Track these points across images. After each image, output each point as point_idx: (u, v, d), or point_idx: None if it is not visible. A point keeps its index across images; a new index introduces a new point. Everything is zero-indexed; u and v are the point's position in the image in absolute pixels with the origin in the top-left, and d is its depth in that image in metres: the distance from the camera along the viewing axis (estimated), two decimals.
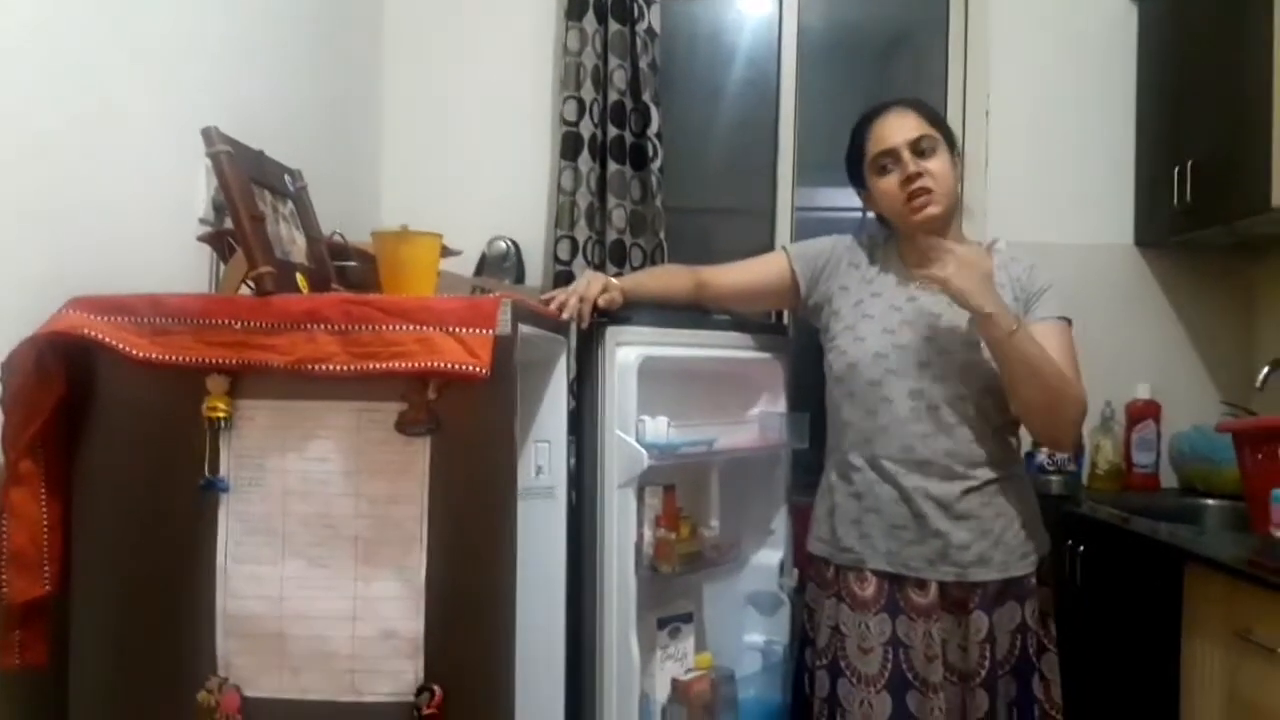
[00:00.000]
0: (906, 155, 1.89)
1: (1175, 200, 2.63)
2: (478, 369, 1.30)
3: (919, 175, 1.87)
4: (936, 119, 1.96)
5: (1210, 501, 2.60)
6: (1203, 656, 1.99)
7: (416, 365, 1.31)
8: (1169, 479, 2.81)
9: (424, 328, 1.32)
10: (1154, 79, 2.87)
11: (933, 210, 1.89)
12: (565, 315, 1.77)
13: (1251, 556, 1.88)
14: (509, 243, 2.81)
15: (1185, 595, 2.04)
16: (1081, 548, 2.41)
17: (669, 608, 2.05)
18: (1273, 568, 1.79)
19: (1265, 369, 2.47)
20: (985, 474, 1.87)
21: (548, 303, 1.79)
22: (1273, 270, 2.82)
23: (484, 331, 1.32)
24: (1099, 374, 2.63)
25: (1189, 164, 2.58)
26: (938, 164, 1.89)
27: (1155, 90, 2.86)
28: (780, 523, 2.21)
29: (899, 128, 1.91)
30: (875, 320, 1.92)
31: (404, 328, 1.33)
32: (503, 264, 2.79)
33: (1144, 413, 2.80)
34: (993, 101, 2.96)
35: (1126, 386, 2.83)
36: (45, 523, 1.34)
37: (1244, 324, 2.89)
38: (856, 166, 1.98)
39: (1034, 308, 1.90)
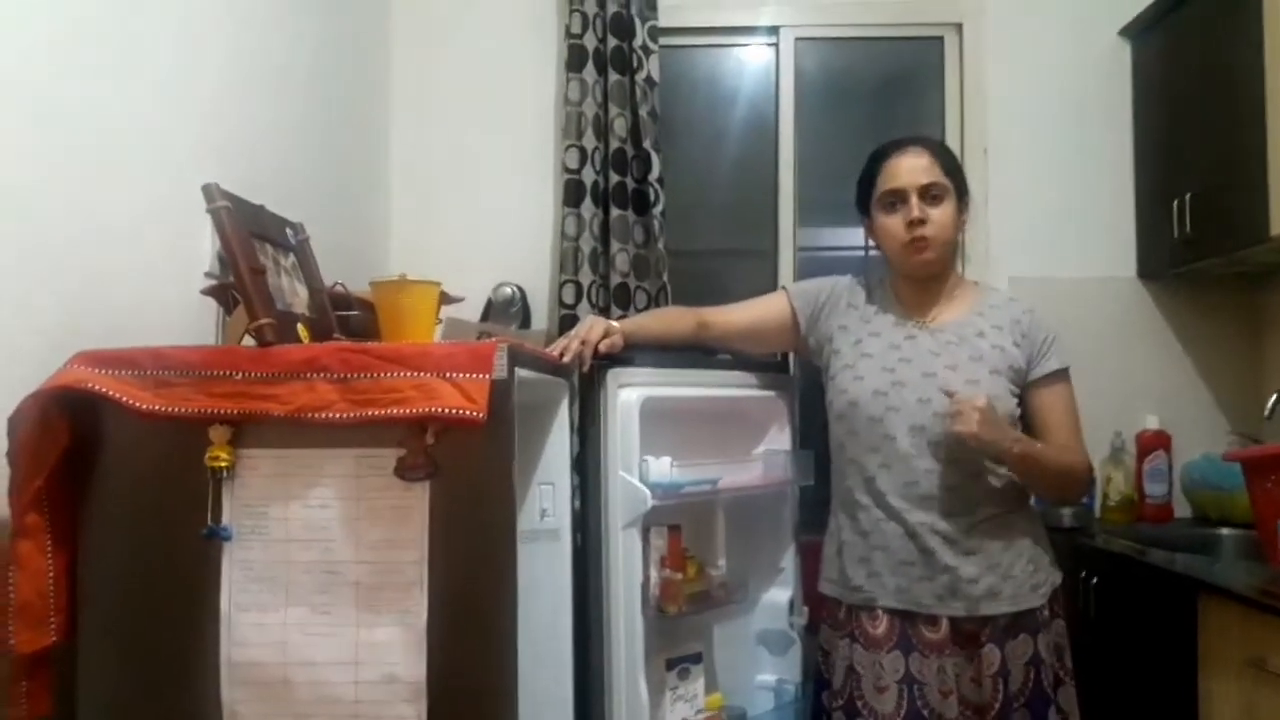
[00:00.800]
0: (913, 199, 1.91)
1: (1175, 232, 2.65)
2: (475, 413, 1.31)
3: (921, 223, 1.90)
4: (951, 167, 1.97)
5: (1224, 531, 2.58)
6: (1219, 687, 1.96)
7: (414, 411, 1.32)
8: (1182, 508, 2.79)
9: (421, 374, 1.34)
10: (1149, 113, 2.89)
11: (928, 257, 1.92)
12: (566, 359, 1.79)
13: (1265, 586, 1.86)
14: (515, 288, 2.85)
15: (1200, 626, 2.02)
16: (1095, 580, 2.39)
17: (678, 648, 2.04)
18: None
19: (1274, 397, 2.46)
20: (991, 508, 1.87)
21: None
22: (1277, 298, 2.82)
23: (481, 376, 1.33)
24: (1107, 406, 2.66)
25: (1187, 196, 2.60)
26: (941, 212, 1.91)
27: (1151, 124, 2.88)
28: (789, 561, 2.20)
29: (911, 169, 1.93)
30: (875, 359, 1.94)
31: (402, 374, 1.34)
32: (509, 309, 2.83)
33: (1154, 443, 2.79)
34: (991, 139, 2.98)
35: (1135, 417, 2.82)
36: (51, 574, 1.35)
37: (1251, 352, 2.89)
38: (866, 194, 2.00)
39: (1041, 361, 1.92)
